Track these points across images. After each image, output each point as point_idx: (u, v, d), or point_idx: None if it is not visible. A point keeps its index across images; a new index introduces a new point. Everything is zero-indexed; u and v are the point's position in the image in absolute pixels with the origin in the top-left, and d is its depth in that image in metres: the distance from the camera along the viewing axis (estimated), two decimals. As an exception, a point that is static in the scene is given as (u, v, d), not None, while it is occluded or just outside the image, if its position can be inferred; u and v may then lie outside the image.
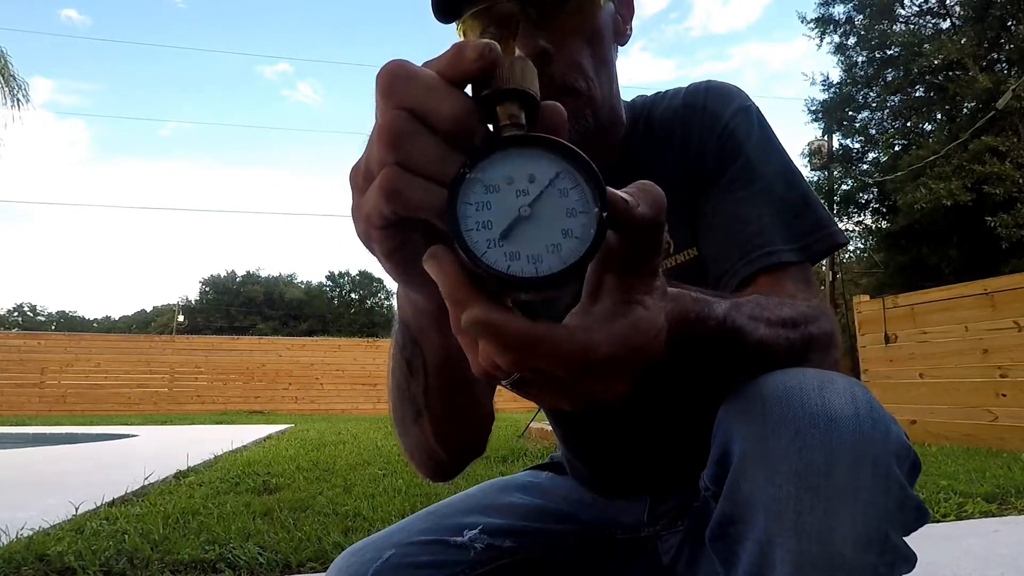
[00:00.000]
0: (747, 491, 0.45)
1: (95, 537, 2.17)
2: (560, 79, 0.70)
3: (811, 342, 0.56)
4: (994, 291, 5.29)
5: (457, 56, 0.34)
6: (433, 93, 0.33)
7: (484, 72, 0.34)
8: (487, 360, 0.34)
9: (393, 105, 0.33)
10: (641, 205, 0.35)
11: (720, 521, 0.48)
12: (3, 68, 11.40)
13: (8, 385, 12.56)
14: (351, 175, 0.37)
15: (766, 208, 0.70)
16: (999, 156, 14.22)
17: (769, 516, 0.43)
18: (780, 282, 0.66)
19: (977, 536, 2.29)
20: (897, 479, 0.45)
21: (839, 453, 0.43)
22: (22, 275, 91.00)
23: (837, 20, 18.94)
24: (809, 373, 0.48)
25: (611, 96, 0.77)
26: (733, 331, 0.49)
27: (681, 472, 0.79)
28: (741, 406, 0.48)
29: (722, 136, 0.74)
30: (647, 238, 0.35)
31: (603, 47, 0.74)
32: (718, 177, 0.73)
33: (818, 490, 0.42)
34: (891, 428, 0.46)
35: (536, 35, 0.68)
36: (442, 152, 0.33)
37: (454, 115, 0.33)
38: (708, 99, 0.77)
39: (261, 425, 8.68)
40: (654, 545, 0.81)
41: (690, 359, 0.49)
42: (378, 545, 0.76)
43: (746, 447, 0.46)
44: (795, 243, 0.68)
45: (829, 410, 0.44)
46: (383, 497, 2.94)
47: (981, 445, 5.11)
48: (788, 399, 0.46)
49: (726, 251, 0.70)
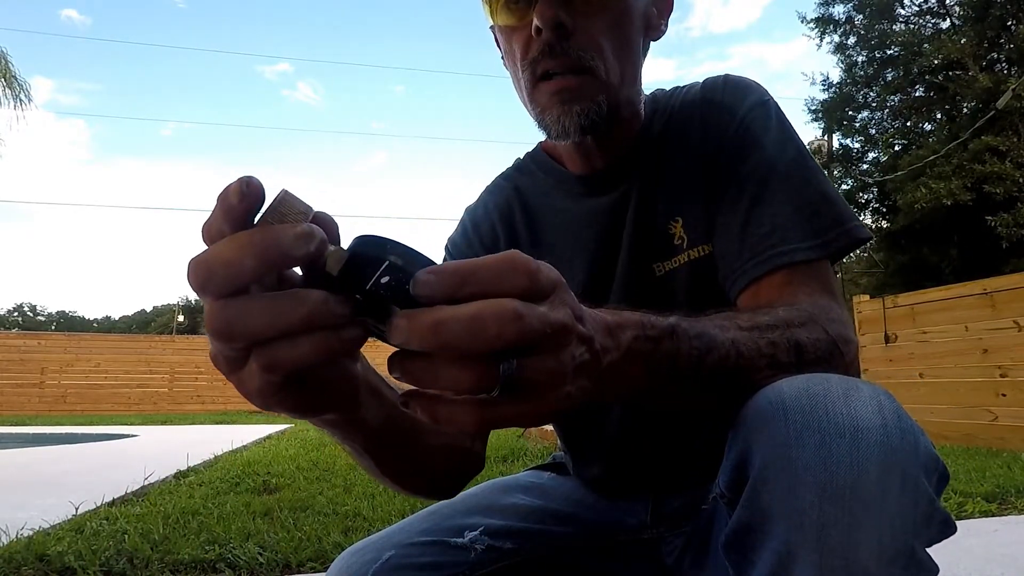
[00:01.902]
0: (767, 500, 0.44)
1: (95, 537, 2.17)
2: (575, 56, 0.69)
3: (800, 344, 0.54)
4: (994, 291, 5.28)
5: (223, 205, 0.35)
6: (227, 263, 0.34)
7: (251, 210, 0.35)
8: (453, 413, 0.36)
9: (210, 299, 0.35)
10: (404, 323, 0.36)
11: (736, 529, 0.46)
12: (4, 69, 11.38)
13: (8, 385, 12.54)
14: (212, 361, 0.38)
15: (782, 205, 0.68)
16: (999, 156, 14.21)
17: (790, 527, 0.42)
18: (791, 282, 0.64)
19: (977, 536, 2.29)
20: (926, 492, 0.44)
21: (866, 464, 0.41)
22: (22, 275, 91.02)
23: (837, 20, 18.93)
24: (834, 380, 0.46)
25: (631, 87, 0.75)
26: (694, 334, 0.48)
27: (684, 474, 0.79)
28: (761, 411, 0.46)
29: (739, 130, 0.73)
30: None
31: (629, 32, 0.72)
32: (734, 172, 0.71)
33: (844, 502, 0.40)
34: (919, 439, 0.44)
35: (558, 6, 0.67)
36: (274, 305, 0.34)
37: (252, 267, 0.34)
38: (726, 93, 0.76)
39: (261, 425, 8.67)
40: (657, 547, 0.81)
41: (665, 380, 0.48)
42: (378, 546, 0.76)
43: (767, 455, 0.44)
44: (813, 240, 0.66)
45: (856, 419, 0.43)
46: (383, 497, 2.94)
47: (981, 445, 5.11)
48: (812, 407, 0.44)
49: (737, 249, 0.68)
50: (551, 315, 0.36)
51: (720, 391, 0.51)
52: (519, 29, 0.72)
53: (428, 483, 0.67)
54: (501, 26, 0.75)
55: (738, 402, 0.49)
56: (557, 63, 0.69)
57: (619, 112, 0.74)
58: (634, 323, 0.46)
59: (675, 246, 0.75)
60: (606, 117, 0.72)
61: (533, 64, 0.71)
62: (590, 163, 0.80)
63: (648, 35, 0.78)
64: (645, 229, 0.76)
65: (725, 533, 0.48)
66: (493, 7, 0.73)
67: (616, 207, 0.78)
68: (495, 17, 0.74)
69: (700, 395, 0.51)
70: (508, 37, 0.74)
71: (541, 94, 0.71)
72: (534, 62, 0.70)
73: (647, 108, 0.80)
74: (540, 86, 0.71)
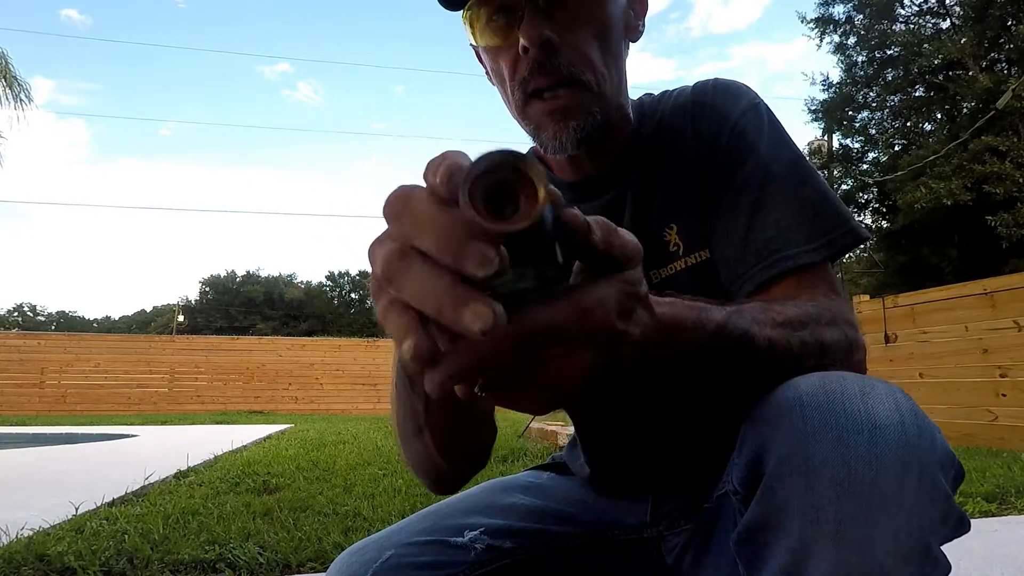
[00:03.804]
0: (783, 496, 0.44)
1: (95, 537, 2.17)
2: (566, 71, 0.68)
3: (824, 343, 0.54)
4: (994, 291, 5.29)
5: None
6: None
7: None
8: (453, 365, 0.34)
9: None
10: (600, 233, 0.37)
11: (750, 526, 0.46)
12: (4, 69, 11.38)
13: (8, 385, 12.54)
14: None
15: (783, 209, 0.68)
16: (999, 156, 14.22)
17: (806, 523, 0.42)
18: (801, 285, 0.64)
19: (977, 536, 2.29)
20: (943, 489, 0.44)
21: (884, 461, 0.41)
22: (22, 275, 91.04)
23: (837, 20, 18.96)
24: (850, 378, 0.46)
25: (620, 94, 0.75)
26: (737, 335, 0.48)
27: (685, 473, 0.79)
28: (776, 409, 0.46)
29: (732, 135, 0.72)
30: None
31: (613, 40, 0.72)
32: (730, 178, 0.71)
33: (861, 498, 0.41)
34: (936, 437, 0.45)
35: (542, 24, 0.67)
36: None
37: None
38: (716, 97, 0.75)
39: (261, 425, 8.68)
40: (657, 546, 0.81)
41: (695, 369, 0.48)
42: (378, 545, 0.76)
43: (784, 452, 0.44)
44: (816, 242, 0.66)
45: (873, 416, 0.43)
46: (383, 497, 2.94)
47: (981, 445, 5.11)
48: (829, 404, 0.44)
49: (742, 255, 0.68)
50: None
51: (745, 388, 0.52)
52: (504, 49, 0.71)
53: (461, 456, 0.65)
54: (485, 47, 0.74)
55: (754, 397, 0.50)
56: (547, 79, 0.69)
57: (611, 119, 0.74)
58: (688, 326, 0.47)
59: (671, 252, 0.74)
60: (601, 127, 0.71)
61: (524, 83, 0.70)
62: (581, 170, 0.79)
63: (628, 37, 0.78)
64: (640, 235, 0.76)
65: (737, 530, 0.48)
66: (475, 28, 0.72)
67: (609, 213, 0.78)
68: (478, 38, 0.74)
69: (723, 388, 0.53)
70: (494, 57, 0.74)
71: (534, 112, 0.71)
72: (524, 81, 0.70)
73: (636, 114, 0.80)
74: (532, 104, 0.71)
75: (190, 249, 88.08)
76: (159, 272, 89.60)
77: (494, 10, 0.70)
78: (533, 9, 0.67)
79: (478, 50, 0.78)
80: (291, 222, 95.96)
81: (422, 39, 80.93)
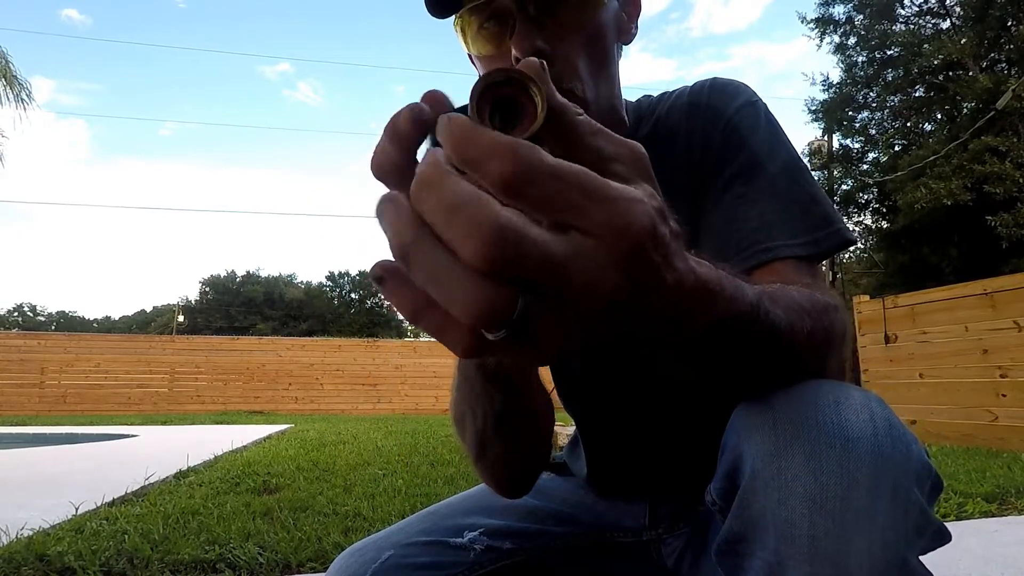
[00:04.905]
0: (758, 511, 0.43)
1: (95, 537, 2.17)
2: (556, 82, 0.69)
3: (831, 333, 0.52)
4: (994, 291, 5.29)
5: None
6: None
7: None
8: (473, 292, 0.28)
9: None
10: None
11: (728, 538, 0.46)
12: (4, 69, 11.38)
13: (8, 385, 12.55)
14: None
15: (769, 204, 0.67)
16: (999, 156, 14.21)
17: (780, 538, 0.41)
18: (781, 278, 0.63)
19: (977, 536, 2.29)
20: (917, 502, 0.43)
21: (857, 475, 0.41)
22: (22, 275, 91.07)
23: (837, 20, 18.94)
24: (825, 387, 0.46)
25: (611, 97, 0.74)
26: (772, 319, 0.44)
27: (683, 475, 0.79)
28: (752, 419, 0.46)
29: (725, 130, 0.72)
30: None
31: (604, 47, 0.72)
32: (720, 172, 0.70)
33: (834, 514, 0.40)
34: (911, 448, 0.44)
35: (534, 34, 0.66)
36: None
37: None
38: (712, 96, 0.75)
39: (261, 425, 8.68)
40: (656, 548, 0.81)
41: (718, 346, 0.43)
42: (377, 545, 0.76)
43: (757, 465, 0.44)
44: (799, 238, 0.65)
45: (846, 429, 0.42)
46: (383, 497, 2.94)
47: (981, 445, 5.12)
48: (802, 415, 0.44)
49: (722, 247, 0.67)
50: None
51: (762, 378, 0.49)
52: (497, 58, 0.71)
53: (527, 461, 0.69)
54: (478, 56, 0.74)
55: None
56: None
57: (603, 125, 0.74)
58: (726, 296, 0.38)
59: None
60: None
61: None
62: None
63: (620, 40, 0.77)
64: None
65: (717, 541, 0.47)
66: (466, 35, 0.72)
67: None
68: (470, 46, 0.73)
69: (740, 379, 0.49)
70: (488, 66, 0.73)
71: None
72: None
73: (634, 116, 0.80)
74: None
75: (190, 249, 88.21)
76: (159, 272, 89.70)
77: (485, 18, 0.69)
78: (524, 18, 0.66)
79: (472, 59, 0.78)
80: (291, 222, 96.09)
81: (422, 39, 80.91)
